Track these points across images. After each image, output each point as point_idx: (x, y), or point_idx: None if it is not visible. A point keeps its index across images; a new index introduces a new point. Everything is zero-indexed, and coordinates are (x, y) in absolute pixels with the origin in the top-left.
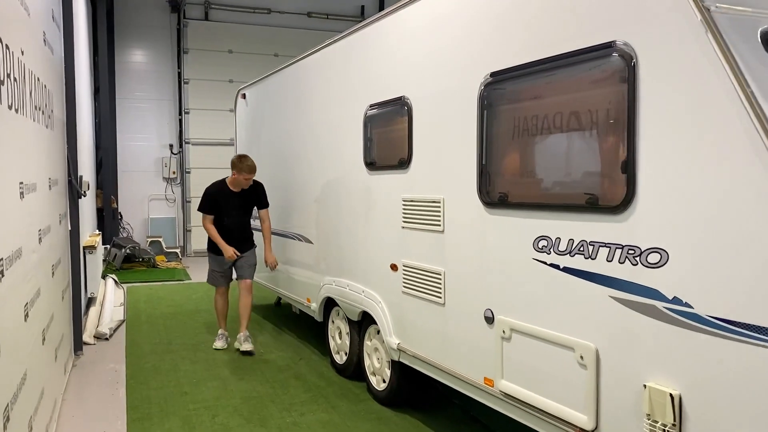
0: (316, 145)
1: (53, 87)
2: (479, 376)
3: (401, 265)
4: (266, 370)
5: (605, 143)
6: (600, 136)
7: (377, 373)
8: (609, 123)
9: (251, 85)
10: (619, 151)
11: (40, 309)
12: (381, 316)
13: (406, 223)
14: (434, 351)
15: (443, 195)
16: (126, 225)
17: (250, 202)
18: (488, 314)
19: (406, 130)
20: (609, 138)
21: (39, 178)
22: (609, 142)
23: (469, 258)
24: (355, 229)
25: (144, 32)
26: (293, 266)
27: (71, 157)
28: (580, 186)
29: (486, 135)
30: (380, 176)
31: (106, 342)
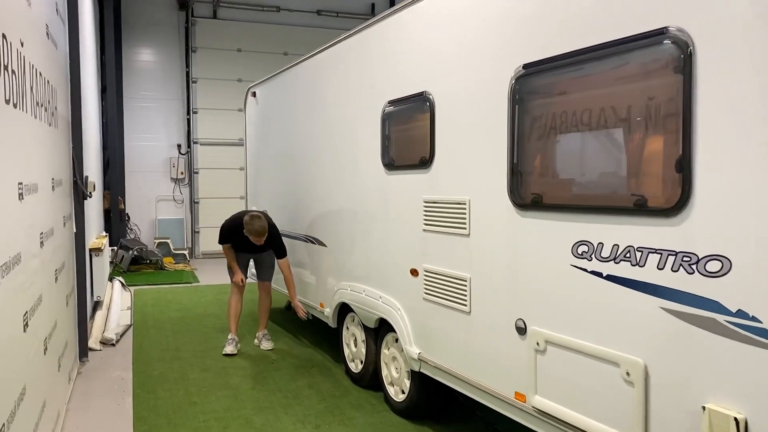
0: (331, 144)
1: (57, 83)
2: (509, 390)
3: (422, 270)
4: (278, 378)
5: (656, 139)
6: (650, 131)
7: (395, 384)
8: (661, 117)
9: (262, 82)
10: (672, 148)
11: (42, 317)
12: (400, 324)
13: (427, 225)
14: (459, 362)
15: (469, 196)
16: (133, 226)
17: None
18: (520, 324)
19: (427, 127)
20: (661, 133)
21: (41, 179)
22: (661, 138)
23: (499, 264)
24: (371, 231)
25: (151, 30)
26: (305, 270)
27: (76, 157)
28: (627, 186)
29: (518, 131)
30: (399, 176)
31: (113, 348)
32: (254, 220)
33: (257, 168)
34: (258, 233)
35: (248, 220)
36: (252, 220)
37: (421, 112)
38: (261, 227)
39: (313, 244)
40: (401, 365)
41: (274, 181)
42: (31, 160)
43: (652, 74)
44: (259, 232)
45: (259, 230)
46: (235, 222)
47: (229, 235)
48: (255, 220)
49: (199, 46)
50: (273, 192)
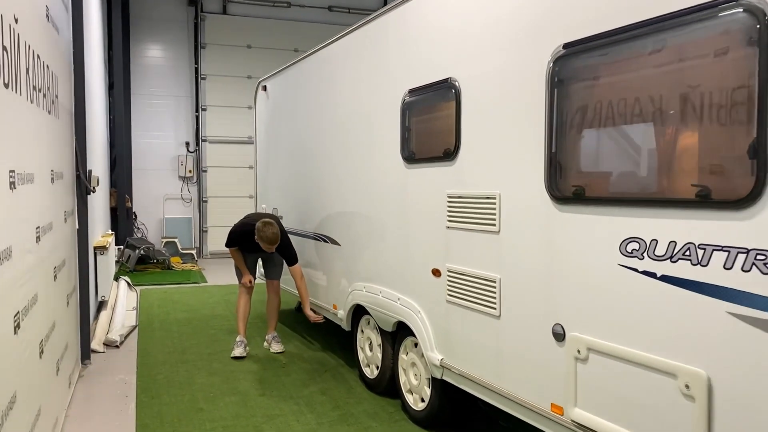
0: (345, 137)
1: (59, 71)
2: (545, 401)
3: (445, 270)
4: (289, 383)
5: (724, 122)
6: (717, 112)
7: (414, 391)
8: (732, 96)
9: (273, 75)
10: (745, 131)
11: (37, 318)
12: (420, 328)
13: (451, 222)
14: (486, 370)
15: (499, 190)
16: (140, 225)
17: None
18: (558, 330)
19: (452, 116)
20: (730, 115)
21: (38, 169)
22: (730, 121)
23: (533, 263)
24: (389, 229)
25: (160, 26)
26: (317, 270)
27: (80, 150)
28: (687, 176)
29: (557, 118)
30: (420, 170)
31: (117, 350)
32: (267, 227)
33: (267, 164)
34: (270, 241)
35: (261, 227)
36: (265, 227)
37: (445, 101)
38: (273, 235)
39: (326, 243)
40: (421, 372)
41: (285, 178)
42: (26, 148)
43: (720, 48)
44: (272, 240)
45: (271, 238)
46: (246, 227)
47: (240, 240)
48: (268, 227)
49: (209, 42)
50: (284, 189)
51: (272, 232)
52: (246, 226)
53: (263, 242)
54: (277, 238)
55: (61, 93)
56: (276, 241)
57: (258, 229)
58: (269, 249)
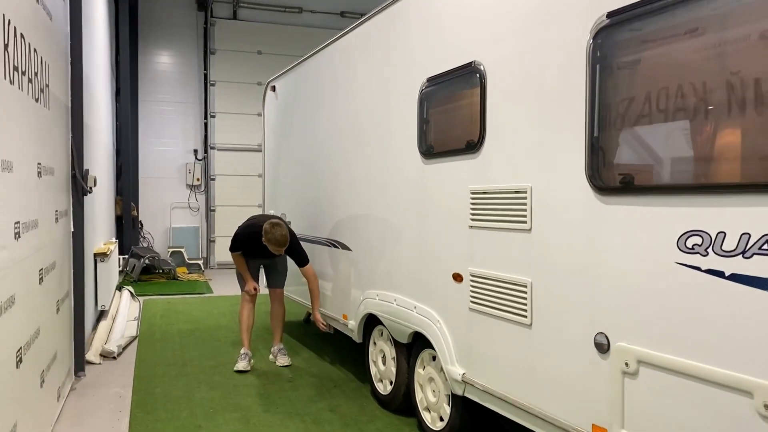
0: (358, 134)
1: (51, 60)
2: (585, 422)
3: (468, 275)
4: (296, 399)
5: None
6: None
7: (432, 409)
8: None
9: (282, 75)
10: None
11: (14, 322)
12: (439, 339)
13: (475, 220)
14: (515, 386)
15: (530, 182)
16: (146, 234)
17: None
18: (600, 340)
19: (477, 104)
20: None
21: (18, 158)
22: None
23: (571, 264)
24: (405, 231)
25: (168, 31)
26: (327, 277)
27: (76, 148)
28: (765, 156)
29: (600, 99)
30: (440, 165)
31: (114, 362)
32: (275, 228)
33: (276, 168)
34: (279, 243)
35: (268, 228)
36: (273, 228)
37: (468, 87)
38: (282, 237)
39: (336, 249)
40: (440, 388)
41: (294, 182)
42: (3, 132)
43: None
44: (281, 242)
45: (280, 240)
46: (252, 229)
47: (245, 243)
48: (276, 228)
49: (218, 47)
50: (292, 193)
51: (281, 234)
52: (252, 227)
53: (272, 245)
54: (286, 240)
55: (54, 84)
56: (285, 243)
57: (266, 231)
58: (278, 251)
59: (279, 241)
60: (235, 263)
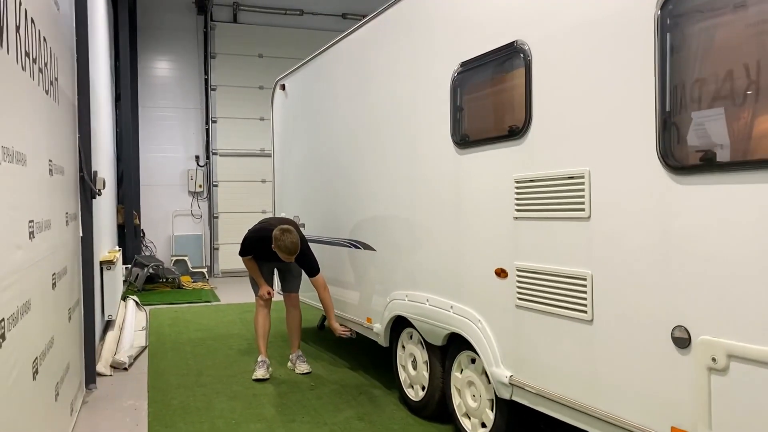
0: (381, 128)
1: (59, 53)
2: (662, 425)
3: (514, 270)
4: (320, 408)
5: None
6: None
7: (473, 415)
8: None
9: (292, 73)
10: None
11: (30, 330)
12: (481, 339)
13: (521, 211)
14: (575, 387)
15: (588, 166)
16: (149, 243)
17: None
18: (680, 334)
19: (521, 86)
20: None
21: (31, 151)
22: None
23: (640, 252)
24: (438, 227)
25: (168, 36)
26: (347, 281)
27: (83, 149)
28: None
29: (671, 69)
30: (477, 154)
31: (125, 373)
32: (285, 235)
33: (286, 169)
34: (289, 251)
35: (278, 235)
36: (283, 235)
37: (510, 69)
38: (293, 244)
39: (358, 250)
40: (481, 392)
41: (307, 182)
42: (14, 119)
43: None
44: (291, 250)
45: (290, 247)
46: (263, 233)
47: (255, 247)
48: (286, 235)
49: (219, 51)
50: (306, 194)
51: (291, 241)
52: (262, 231)
53: (281, 252)
54: (296, 248)
55: (62, 80)
56: (296, 251)
57: (275, 238)
58: (288, 259)
59: (289, 248)
60: (246, 268)
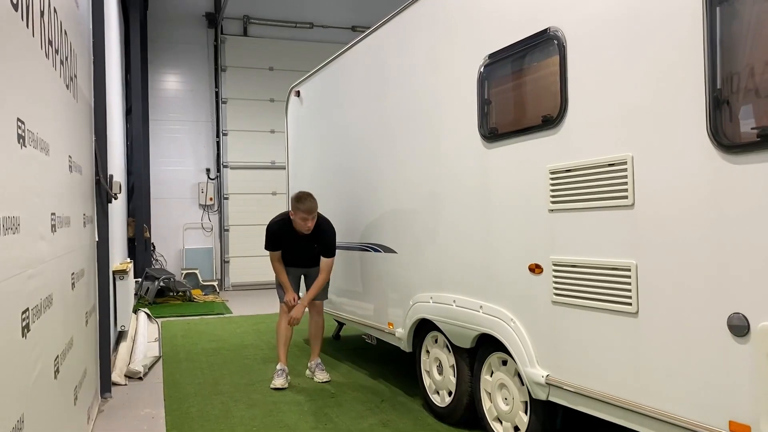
0: (399, 130)
1: (78, 50)
2: (719, 419)
3: (549, 265)
4: (342, 415)
5: None
6: None
7: (505, 419)
8: None
9: (307, 79)
10: None
11: (52, 326)
12: (515, 339)
13: (557, 203)
14: (618, 384)
15: (631, 151)
16: (159, 257)
17: (317, 250)
18: (737, 321)
19: (555, 74)
20: None
21: (53, 141)
22: None
23: (690, 238)
24: (465, 224)
25: (179, 49)
26: (368, 285)
27: (100, 152)
28: None
29: (722, 44)
30: (507, 147)
31: (140, 382)
32: (303, 194)
33: (301, 176)
34: (308, 209)
35: (296, 197)
36: (300, 197)
37: (542, 57)
38: (310, 202)
39: (378, 253)
40: (514, 394)
41: (322, 188)
42: (39, 106)
43: None
44: (309, 208)
45: (308, 206)
46: (283, 215)
47: (279, 234)
48: (304, 195)
49: (229, 64)
50: (323, 201)
51: (308, 200)
52: (282, 214)
53: (300, 212)
54: (313, 207)
55: (81, 79)
56: (313, 210)
57: (297, 198)
58: (308, 228)
59: (307, 207)
60: (273, 269)
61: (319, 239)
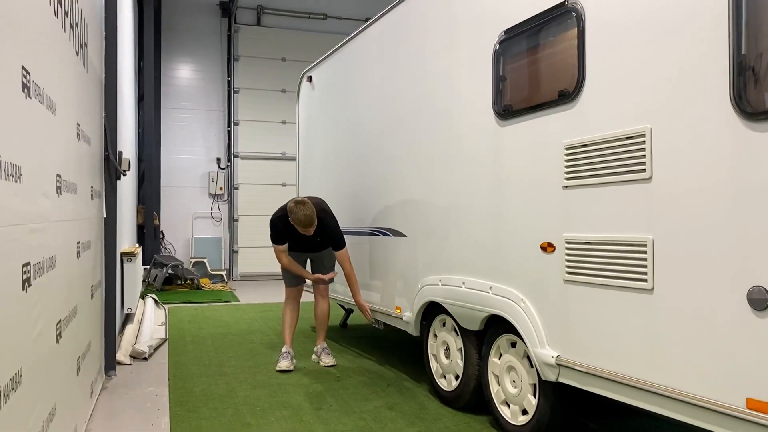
0: (411, 112)
1: (89, 19)
2: (736, 397)
3: (562, 243)
4: (348, 398)
5: None
6: None
7: (513, 402)
8: None
9: (319, 63)
10: None
11: (55, 288)
12: (525, 320)
13: (571, 179)
14: (632, 363)
15: (649, 123)
16: (168, 245)
17: (323, 242)
18: (758, 295)
19: (573, 47)
20: None
21: (61, 102)
22: None
23: (709, 209)
24: (476, 206)
25: (192, 38)
26: (376, 269)
27: (109, 129)
28: None
29: (749, 6)
30: (521, 124)
31: (145, 362)
32: (299, 206)
33: (312, 163)
34: (302, 223)
35: (292, 206)
36: (296, 206)
37: (560, 31)
38: (305, 216)
39: (387, 237)
40: (522, 376)
41: (333, 174)
42: (43, 55)
43: None
44: (304, 222)
45: (303, 220)
46: (284, 211)
47: (283, 228)
48: (299, 207)
49: (242, 54)
50: (332, 186)
51: (304, 214)
52: (284, 210)
53: (298, 225)
54: (310, 220)
55: (91, 51)
56: (309, 224)
57: (290, 210)
58: (307, 232)
59: (302, 221)
60: (278, 259)
61: (322, 233)
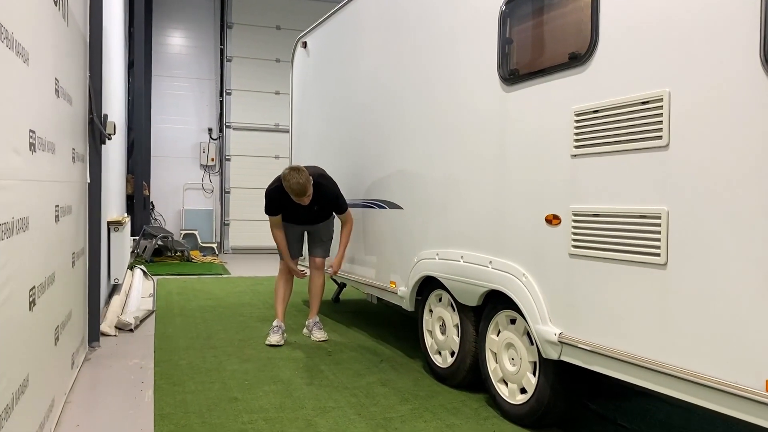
0: (410, 80)
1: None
2: (753, 378)
3: (569, 214)
4: (340, 373)
5: None
6: None
7: (511, 381)
8: None
9: (315, 28)
10: None
11: (27, 251)
12: (526, 295)
13: (581, 147)
14: (642, 342)
15: (668, 86)
16: (158, 216)
17: (322, 211)
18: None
19: (587, 6)
20: None
21: (34, 51)
22: None
23: (732, 178)
24: (477, 176)
25: (184, 4)
26: (371, 243)
27: (94, 90)
28: None
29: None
30: (528, 89)
31: (130, 334)
32: (292, 173)
33: (306, 132)
34: (296, 192)
35: (286, 173)
36: (290, 173)
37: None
38: (298, 185)
39: (382, 210)
40: (522, 354)
41: (327, 144)
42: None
43: None
44: (296, 191)
45: (295, 188)
46: (280, 181)
47: (277, 201)
48: (293, 173)
49: (236, 21)
50: (326, 157)
51: (297, 182)
52: (279, 180)
53: (292, 194)
54: (304, 189)
55: (73, 4)
56: (304, 192)
57: (284, 177)
58: (302, 201)
59: (294, 189)
60: (272, 234)
61: (319, 201)
